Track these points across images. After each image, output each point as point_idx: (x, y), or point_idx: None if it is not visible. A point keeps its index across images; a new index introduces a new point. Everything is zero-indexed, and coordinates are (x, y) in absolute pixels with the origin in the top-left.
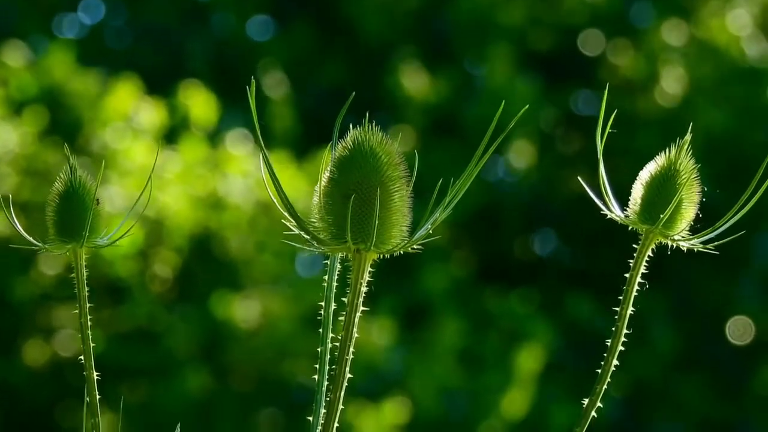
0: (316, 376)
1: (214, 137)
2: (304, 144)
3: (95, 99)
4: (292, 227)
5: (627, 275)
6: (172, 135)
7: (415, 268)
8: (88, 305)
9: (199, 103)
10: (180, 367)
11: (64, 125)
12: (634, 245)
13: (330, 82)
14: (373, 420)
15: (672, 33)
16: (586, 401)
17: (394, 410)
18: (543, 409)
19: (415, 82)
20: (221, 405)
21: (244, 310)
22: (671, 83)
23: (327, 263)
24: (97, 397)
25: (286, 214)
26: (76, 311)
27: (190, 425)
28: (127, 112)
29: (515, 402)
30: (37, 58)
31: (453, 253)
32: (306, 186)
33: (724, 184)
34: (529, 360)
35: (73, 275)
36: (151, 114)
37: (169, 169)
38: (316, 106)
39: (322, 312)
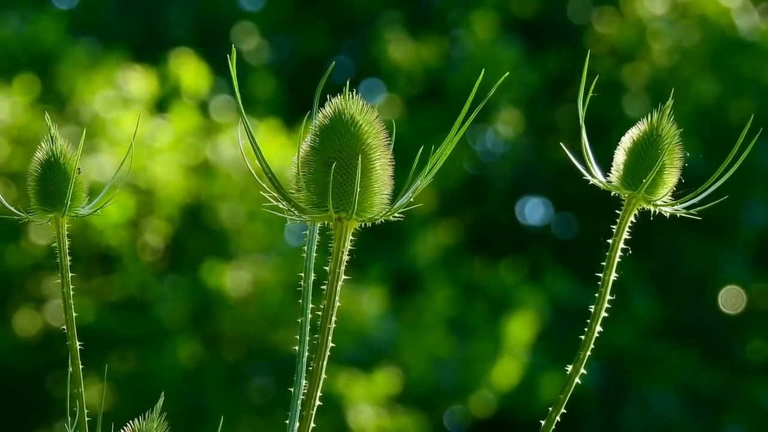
0: (296, 347)
1: (205, 106)
2: (293, 113)
3: (85, 68)
4: (272, 196)
5: (610, 241)
6: (162, 104)
7: (404, 236)
8: (70, 275)
9: (190, 71)
10: (170, 337)
11: (55, 95)
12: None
13: (314, 50)
14: (364, 390)
15: (659, 1)
16: (569, 368)
17: (385, 380)
18: (533, 378)
19: (399, 49)
20: (211, 374)
21: (234, 280)
22: (658, 53)
23: (306, 234)
24: (80, 366)
25: (263, 184)
26: (72, 281)
27: (181, 394)
28: (117, 81)
29: (506, 371)
30: (27, 28)
31: (442, 221)
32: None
33: (713, 152)
34: (519, 329)
35: (70, 245)
36: (141, 83)
37: (159, 138)
38: (300, 75)
39: (302, 283)
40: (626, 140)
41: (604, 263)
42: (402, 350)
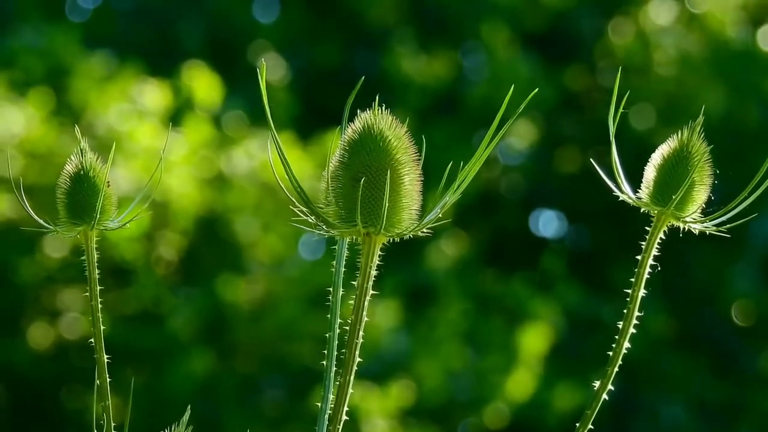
0: (324, 362)
1: (219, 119)
2: (307, 126)
3: (100, 81)
4: (301, 210)
5: (639, 257)
6: (176, 117)
7: (419, 249)
8: (98, 288)
9: (203, 84)
10: (184, 349)
11: (69, 108)
12: (646, 227)
13: (328, 62)
14: (378, 403)
15: (665, 14)
16: (597, 384)
17: (399, 393)
18: (547, 389)
19: (412, 63)
20: (225, 386)
21: (248, 292)
22: (663, 64)
23: (335, 248)
24: (108, 380)
25: (292, 197)
26: (85, 294)
27: (195, 407)
28: (132, 94)
29: (520, 383)
30: (41, 41)
31: (455, 234)
32: (311, 169)
33: (721, 164)
34: (532, 341)
35: (82, 258)
36: (155, 96)
37: (174, 151)
38: (314, 88)
39: (331, 297)
40: (656, 156)
41: (632, 279)
42: (416, 363)
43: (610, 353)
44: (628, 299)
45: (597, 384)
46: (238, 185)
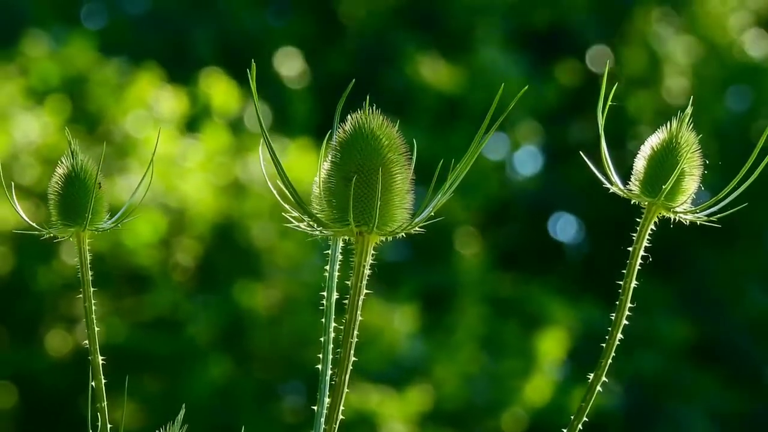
0: (319, 366)
1: (235, 125)
2: (325, 132)
3: (117, 88)
4: (293, 211)
5: (630, 248)
6: (193, 123)
7: (437, 254)
8: (92, 290)
9: (219, 91)
10: (202, 356)
11: (86, 115)
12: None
13: (339, 70)
14: (396, 408)
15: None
16: (590, 376)
17: (417, 398)
18: (565, 394)
19: (421, 69)
20: (243, 392)
21: (265, 298)
22: (673, 77)
23: (328, 253)
24: (103, 381)
25: (282, 200)
26: (103, 300)
27: (213, 413)
28: (148, 101)
29: (537, 388)
30: (58, 48)
31: (473, 239)
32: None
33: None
34: (550, 346)
35: (98, 264)
36: (171, 103)
37: (190, 157)
38: (333, 94)
39: (324, 302)
40: (645, 148)
41: (624, 271)
42: (434, 368)
43: (603, 345)
44: (620, 291)
45: (590, 377)
46: (254, 191)
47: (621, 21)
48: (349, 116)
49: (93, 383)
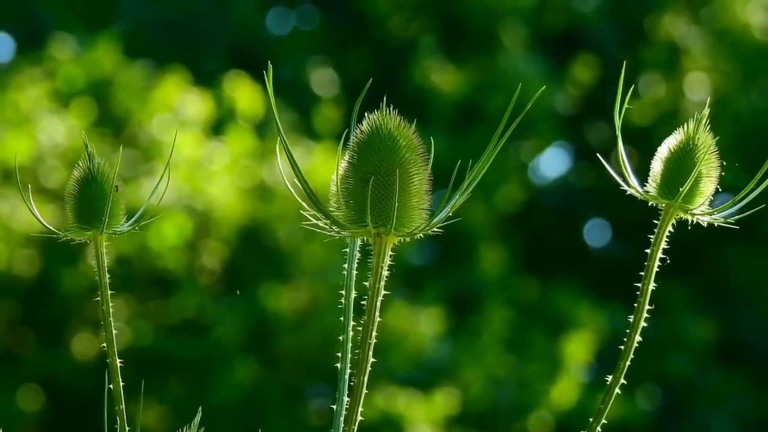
0: (338, 365)
1: (260, 128)
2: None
3: (142, 91)
4: (311, 212)
5: (648, 251)
6: (218, 126)
7: (462, 258)
8: (109, 293)
9: (244, 94)
10: (228, 358)
11: (112, 118)
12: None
13: (360, 75)
14: (423, 410)
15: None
16: (609, 378)
17: (443, 401)
18: (591, 397)
19: (437, 73)
20: (270, 395)
21: (292, 301)
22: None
23: (347, 251)
24: (121, 384)
25: (301, 200)
26: (129, 303)
27: (239, 415)
28: (174, 104)
29: (563, 391)
30: (84, 52)
31: (499, 242)
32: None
33: (755, 170)
34: (576, 349)
35: (125, 266)
36: (197, 106)
37: (216, 160)
38: (350, 99)
39: (343, 300)
40: (663, 150)
41: (641, 273)
42: (460, 371)
43: (621, 347)
44: (638, 293)
45: (609, 379)
46: (280, 194)
47: (640, 18)
48: (365, 117)
49: (111, 386)
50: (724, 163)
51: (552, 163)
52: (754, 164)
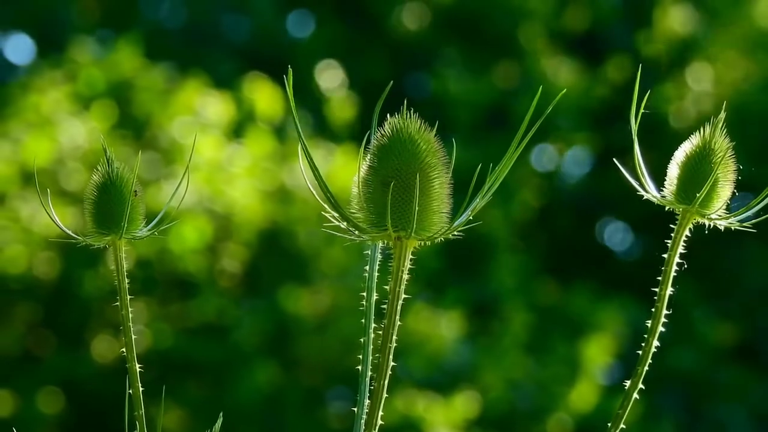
0: (359, 367)
1: (280, 131)
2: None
3: (163, 94)
4: (332, 216)
5: (665, 255)
6: (238, 129)
7: (482, 260)
8: (128, 297)
9: (264, 97)
10: (248, 361)
11: (133, 120)
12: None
13: (377, 78)
14: (442, 414)
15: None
16: (628, 383)
17: (463, 403)
18: (610, 400)
19: (461, 78)
20: (290, 398)
21: (312, 304)
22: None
23: (367, 254)
24: (140, 389)
25: (323, 203)
26: (149, 306)
27: (259, 419)
28: (194, 106)
29: (583, 394)
30: (105, 54)
31: (518, 245)
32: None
33: (758, 160)
34: (595, 352)
35: (145, 269)
36: (218, 108)
37: (236, 163)
38: (368, 102)
39: (364, 302)
40: (679, 154)
41: (659, 278)
42: (480, 374)
43: (639, 352)
44: (656, 298)
45: (627, 383)
46: (300, 197)
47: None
48: (386, 120)
49: (131, 391)
50: (741, 167)
51: (575, 164)
52: (757, 153)
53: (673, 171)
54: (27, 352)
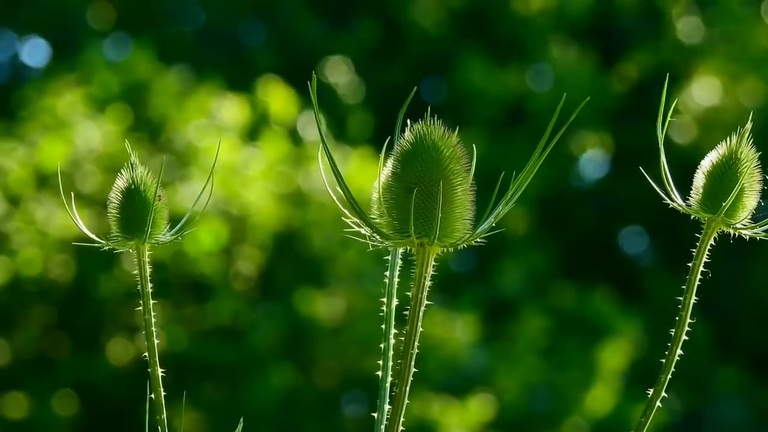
0: (380, 372)
1: (296, 134)
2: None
3: (178, 97)
4: (354, 222)
5: (690, 264)
6: (254, 132)
7: (497, 264)
8: (152, 302)
9: (278, 99)
10: (264, 364)
11: (148, 123)
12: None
13: (396, 82)
14: (458, 417)
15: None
16: (650, 391)
17: (478, 407)
18: (627, 405)
19: (482, 79)
20: (305, 401)
21: (328, 307)
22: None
23: (388, 259)
24: (162, 393)
25: (345, 209)
26: (165, 308)
27: (274, 421)
28: (210, 109)
29: (599, 398)
30: (120, 57)
31: (535, 249)
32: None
33: None
34: (612, 356)
35: (160, 272)
36: (233, 111)
37: (252, 166)
38: (386, 106)
39: (385, 308)
40: (705, 163)
41: (683, 287)
42: (495, 377)
43: (663, 360)
44: (679, 306)
45: (650, 392)
46: (315, 200)
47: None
48: (408, 126)
49: (152, 395)
50: (767, 177)
51: (593, 166)
52: None
53: (699, 180)
54: (42, 354)
